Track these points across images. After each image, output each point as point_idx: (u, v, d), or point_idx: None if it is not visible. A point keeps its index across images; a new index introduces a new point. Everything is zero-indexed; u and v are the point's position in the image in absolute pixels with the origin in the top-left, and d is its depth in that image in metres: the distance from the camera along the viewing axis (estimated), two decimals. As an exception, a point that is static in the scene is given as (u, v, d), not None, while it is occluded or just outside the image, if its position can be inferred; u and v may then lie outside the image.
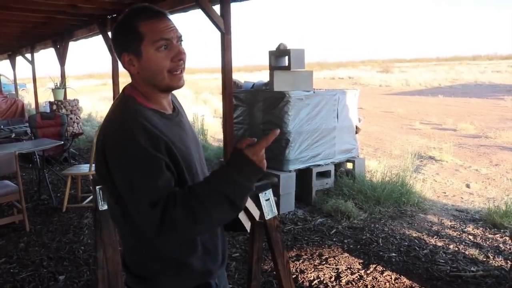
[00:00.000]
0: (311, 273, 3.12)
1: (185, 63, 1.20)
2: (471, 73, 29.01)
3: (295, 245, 3.61)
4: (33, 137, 6.57)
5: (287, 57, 4.70)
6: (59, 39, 9.17)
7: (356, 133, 5.30)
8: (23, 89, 22.49)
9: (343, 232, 3.90)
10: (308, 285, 2.97)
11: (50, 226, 4.23)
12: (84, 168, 4.96)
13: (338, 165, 5.07)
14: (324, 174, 4.86)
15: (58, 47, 9.36)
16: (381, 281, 2.99)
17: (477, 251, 3.44)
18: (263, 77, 6.65)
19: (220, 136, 7.29)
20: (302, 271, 3.15)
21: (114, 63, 6.82)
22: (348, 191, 4.72)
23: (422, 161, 6.84)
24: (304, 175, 4.68)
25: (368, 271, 3.13)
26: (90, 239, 3.83)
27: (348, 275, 3.08)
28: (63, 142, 5.95)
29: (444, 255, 3.39)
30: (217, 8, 4.55)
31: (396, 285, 2.94)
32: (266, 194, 1.50)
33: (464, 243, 3.63)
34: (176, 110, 1.30)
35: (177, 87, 1.21)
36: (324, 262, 3.29)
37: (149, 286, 1.24)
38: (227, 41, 4.54)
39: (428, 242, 3.66)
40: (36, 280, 3.14)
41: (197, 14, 4.92)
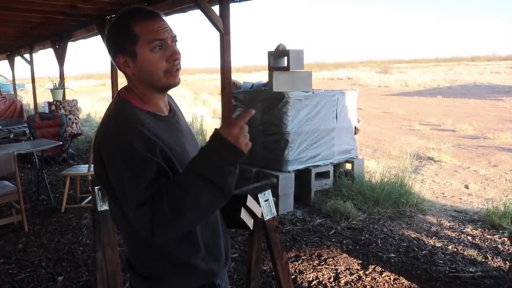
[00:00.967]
0: (310, 273, 3.12)
1: (181, 62, 1.20)
2: (470, 74, 29.04)
3: (294, 246, 3.61)
4: (31, 138, 6.56)
5: (286, 58, 4.70)
6: (58, 39, 9.17)
7: (355, 133, 5.30)
8: (22, 90, 22.46)
9: (342, 232, 3.90)
10: (307, 285, 2.96)
11: (49, 226, 4.22)
12: (83, 169, 4.96)
13: (337, 166, 5.07)
14: (323, 175, 4.86)
15: (57, 47, 9.35)
16: (380, 281, 2.99)
17: (476, 252, 3.44)
18: (262, 77, 6.66)
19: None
20: (301, 272, 3.15)
21: (113, 64, 6.82)
22: (347, 191, 4.73)
23: (421, 161, 6.85)
24: (303, 176, 4.68)
25: (367, 272, 3.13)
26: (89, 240, 3.82)
27: (347, 276, 3.08)
28: (62, 143, 5.94)
29: (443, 255, 3.39)
30: (216, 8, 4.56)
31: (395, 285, 2.94)
32: (265, 195, 1.50)
33: (462, 243, 3.64)
34: (173, 111, 1.30)
35: (173, 85, 1.20)
36: (323, 263, 3.29)
37: (153, 286, 1.23)
38: (226, 41, 4.54)
39: (427, 242, 3.66)
40: (35, 281, 3.13)
41: (196, 14, 4.93)
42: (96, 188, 1.66)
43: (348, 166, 5.23)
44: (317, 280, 3.02)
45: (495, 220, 3.99)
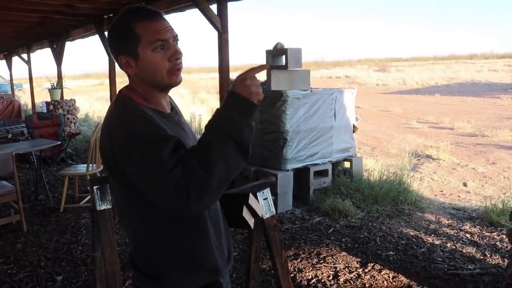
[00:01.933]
0: (309, 272, 3.12)
1: (182, 61, 1.20)
2: (468, 72, 29.07)
3: (293, 244, 3.62)
4: (30, 138, 6.54)
5: (284, 56, 4.70)
6: (55, 39, 9.15)
7: (354, 132, 5.31)
8: (20, 90, 22.39)
9: (341, 231, 3.90)
10: (306, 284, 2.97)
11: (48, 226, 4.22)
12: (82, 168, 4.95)
13: (335, 164, 5.07)
14: (321, 173, 4.87)
15: (54, 47, 9.33)
16: (379, 279, 3.00)
17: (474, 249, 3.45)
18: (260, 76, 6.64)
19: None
20: (300, 270, 3.15)
21: (111, 63, 6.82)
22: (346, 190, 4.73)
23: (419, 159, 6.86)
24: (301, 174, 4.68)
25: (366, 270, 3.14)
26: (87, 239, 3.82)
27: (346, 274, 3.08)
28: (60, 142, 5.93)
29: (441, 253, 3.40)
30: (214, 7, 4.56)
31: (394, 283, 2.95)
32: (264, 193, 1.50)
33: (461, 241, 3.65)
34: (175, 109, 1.31)
35: (175, 84, 1.21)
36: (322, 261, 3.29)
37: (158, 285, 1.23)
38: (224, 40, 4.55)
39: (425, 240, 3.67)
40: (34, 280, 3.13)
41: (194, 13, 4.92)
42: (95, 187, 1.65)
43: (347, 165, 5.23)
44: (316, 279, 3.03)
45: (493, 218, 4.00)
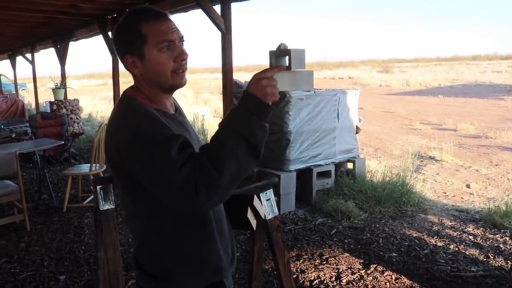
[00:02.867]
0: (311, 273, 3.12)
1: (187, 62, 1.21)
2: (471, 73, 29.01)
3: (295, 245, 3.62)
4: (33, 137, 6.57)
5: (287, 57, 4.70)
6: (59, 39, 9.18)
7: (357, 133, 5.30)
8: (24, 89, 22.51)
9: (343, 232, 3.90)
10: (308, 285, 2.97)
11: (51, 226, 4.23)
12: (85, 168, 4.96)
13: (338, 165, 5.07)
14: (324, 174, 4.86)
15: (58, 47, 9.36)
16: (381, 281, 2.99)
17: (478, 251, 3.44)
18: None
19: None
20: (302, 271, 3.15)
21: (115, 63, 6.83)
22: (349, 191, 4.73)
23: (422, 161, 6.84)
24: (304, 175, 4.68)
25: (369, 271, 3.13)
26: (90, 239, 3.83)
27: (348, 275, 3.08)
28: (63, 142, 5.95)
29: (444, 255, 3.39)
30: (217, 8, 4.56)
31: (397, 285, 2.94)
32: (267, 194, 1.50)
33: (464, 243, 3.64)
34: (179, 110, 1.32)
35: (180, 85, 1.22)
36: (325, 262, 3.29)
37: (162, 284, 1.23)
38: (227, 41, 4.54)
39: (428, 242, 3.66)
40: (37, 280, 3.14)
41: (197, 13, 4.93)
42: (98, 187, 1.66)
43: (350, 166, 5.23)
44: (319, 280, 3.03)
45: (496, 220, 3.98)
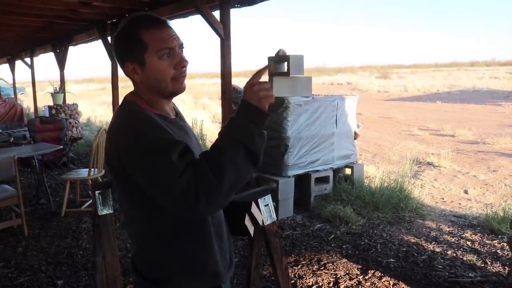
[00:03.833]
0: (309, 278, 3.12)
1: (187, 69, 1.22)
2: (469, 79, 29.08)
3: (293, 251, 3.62)
4: (32, 141, 6.57)
5: (286, 63, 4.71)
6: (58, 43, 9.20)
7: (355, 138, 5.32)
8: (22, 93, 22.50)
9: (341, 237, 3.90)
10: (306, 290, 2.97)
11: (49, 230, 4.22)
12: (83, 173, 4.96)
13: (336, 171, 5.07)
14: (322, 180, 4.87)
15: (57, 51, 9.38)
16: (379, 286, 2.99)
17: (475, 257, 3.44)
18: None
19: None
20: (300, 277, 3.15)
21: (114, 68, 6.84)
22: (347, 196, 4.73)
23: (420, 167, 6.86)
24: (302, 181, 4.68)
25: (367, 277, 3.13)
26: (88, 244, 3.83)
27: (346, 281, 3.08)
28: (62, 147, 5.95)
29: (442, 260, 3.40)
30: (216, 13, 4.58)
31: (394, 290, 2.94)
32: (265, 200, 1.51)
33: (462, 249, 3.64)
34: (179, 115, 1.33)
35: (180, 91, 1.23)
36: (323, 268, 3.29)
37: None
38: (226, 46, 4.56)
39: (426, 248, 3.66)
40: (35, 285, 3.13)
41: (197, 19, 4.95)
42: (97, 192, 1.66)
43: (348, 171, 5.24)
44: (317, 285, 3.02)
45: (494, 225, 3.99)
